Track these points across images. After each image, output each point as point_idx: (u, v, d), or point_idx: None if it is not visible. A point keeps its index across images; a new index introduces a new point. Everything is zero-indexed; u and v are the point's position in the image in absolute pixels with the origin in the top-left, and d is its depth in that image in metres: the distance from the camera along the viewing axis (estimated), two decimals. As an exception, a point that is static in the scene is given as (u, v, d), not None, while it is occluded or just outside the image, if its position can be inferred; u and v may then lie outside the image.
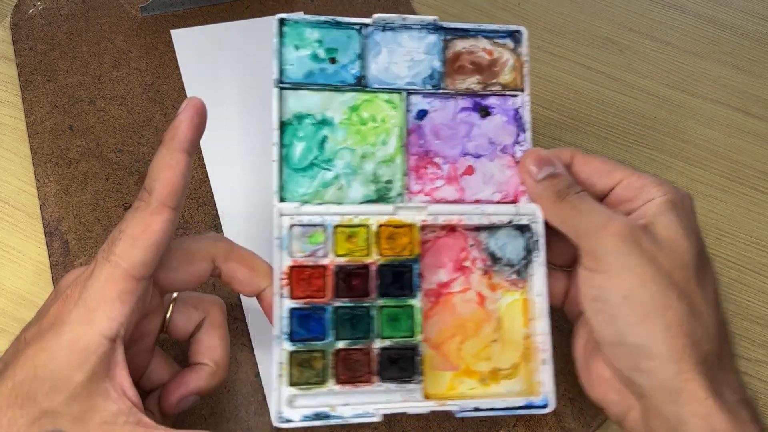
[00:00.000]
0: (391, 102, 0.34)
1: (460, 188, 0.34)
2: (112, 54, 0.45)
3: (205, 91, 0.45)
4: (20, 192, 0.41)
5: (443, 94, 0.35)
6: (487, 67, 0.35)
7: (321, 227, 0.32)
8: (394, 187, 0.34)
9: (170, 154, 0.28)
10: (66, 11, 0.47)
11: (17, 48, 0.45)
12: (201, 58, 0.46)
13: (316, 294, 0.31)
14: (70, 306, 0.27)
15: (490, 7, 0.54)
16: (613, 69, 0.52)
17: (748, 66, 0.53)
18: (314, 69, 0.34)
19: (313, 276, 0.32)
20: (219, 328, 0.31)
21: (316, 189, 0.33)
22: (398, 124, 0.34)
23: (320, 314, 0.31)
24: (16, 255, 0.39)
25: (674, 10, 0.55)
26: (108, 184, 0.40)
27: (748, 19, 0.56)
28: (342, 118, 0.34)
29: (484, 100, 0.35)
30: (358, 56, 0.34)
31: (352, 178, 0.33)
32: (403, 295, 0.32)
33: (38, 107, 0.43)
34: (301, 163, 0.33)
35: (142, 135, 0.43)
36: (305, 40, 0.34)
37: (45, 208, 0.39)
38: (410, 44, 0.35)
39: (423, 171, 0.34)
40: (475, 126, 0.35)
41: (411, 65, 0.34)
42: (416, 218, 0.33)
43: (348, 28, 0.34)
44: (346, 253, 0.32)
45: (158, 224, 0.27)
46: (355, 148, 0.34)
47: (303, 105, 0.33)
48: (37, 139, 0.41)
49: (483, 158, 0.35)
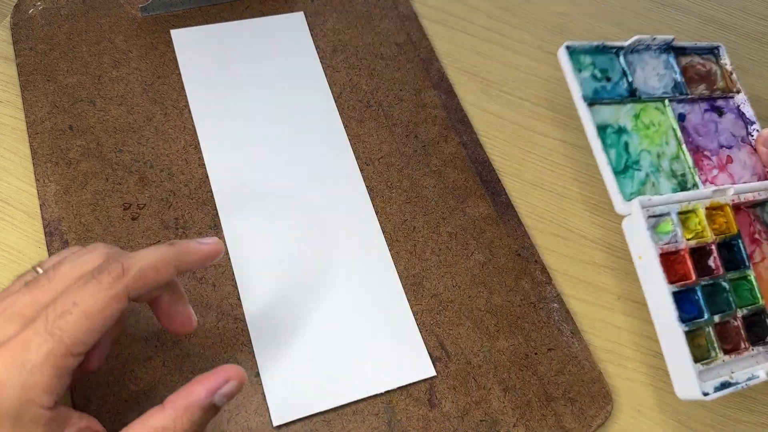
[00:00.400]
0: (659, 109, 0.40)
1: (729, 174, 0.40)
2: (112, 54, 0.45)
3: (205, 91, 0.45)
4: (20, 192, 0.41)
5: (690, 100, 0.42)
6: (706, 76, 0.43)
7: (668, 216, 0.36)
8: (688, 179, 0.39)
9: (167, 263, 0.28)
10: (66, 11, 0.47)
11: (17, 48, 0.45)
12: (201, 57, 0.46)
13: (685, 277, 0.35)
14: (9, 376, 0.25)
15: (490, 7, 0.54)
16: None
17: (748, 66, 0.53)
18: (597, 87, 0.40)
19: (676, 261, 0.36)
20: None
21: (638, 187, 0.38)
22: (671, 126, 0.40)
23: (691, 296, 0.35)
24: (16, 255, 0.39)
25: (674, 10, 0.55)
26: (108, 184, 0.40)
27: (748, 19, 0.56)
28: (632, 125, 0.39)
29: (716, 102, 0.43)
30: (623, 74, 0.40)
31: (657, 175, 0.39)
32: (741, 268, 0.37)
33: (38, 107, 0.43)
34: (619, 166, 0.38)
35: (142, 135, 0.43)
36: (583, 64, 0.40)
37: (45, 208, 0.39)
38: (653, 62, 0.42)
39: (701, 163, 0.40)
40: (718, 123, 0.42)
41: (659, 78, 0.41)
42: (726, 199, 0.38)
43: (609, 52, 0.40)
44: (692, 237, 0.37)
45: (114, 311, 0.26)
46: (650, 149, 0.39)
47: (601, 117, 0.39)
48: (37, 139, 0.41)
49: (733, 148, 0.41)
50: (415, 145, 0.45)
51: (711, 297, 0.36)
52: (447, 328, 0.39)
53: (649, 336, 0.41)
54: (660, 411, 0.39)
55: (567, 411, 0.37)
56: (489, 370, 0.38)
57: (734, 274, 0.37)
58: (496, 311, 0.39)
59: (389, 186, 0.43)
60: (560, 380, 0.38)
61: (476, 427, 0.36)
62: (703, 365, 0.34)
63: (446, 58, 0.50)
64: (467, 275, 0.40)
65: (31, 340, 0.25)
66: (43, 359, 0.25)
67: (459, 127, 0.46)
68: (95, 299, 0.26)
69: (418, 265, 0.40)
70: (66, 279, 0.27)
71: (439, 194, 0.43)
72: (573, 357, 0.39)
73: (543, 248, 0.43)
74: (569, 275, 0.42)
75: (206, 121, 0.44)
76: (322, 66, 0.47)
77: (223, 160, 0.42)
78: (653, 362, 0.40)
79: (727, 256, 0.37)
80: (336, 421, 0.35)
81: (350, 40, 0.49)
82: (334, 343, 0.37)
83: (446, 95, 0.48)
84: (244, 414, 0.35)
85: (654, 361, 0.40)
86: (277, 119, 0.45)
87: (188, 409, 0.27)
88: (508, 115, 0.48)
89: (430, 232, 0.42)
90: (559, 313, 0.40)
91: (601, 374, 0.38)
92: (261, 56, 0.47)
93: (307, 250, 0.40)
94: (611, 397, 0.38)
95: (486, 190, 0.44)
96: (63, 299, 0.26)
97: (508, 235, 0.42)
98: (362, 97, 0.47)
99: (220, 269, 0.39)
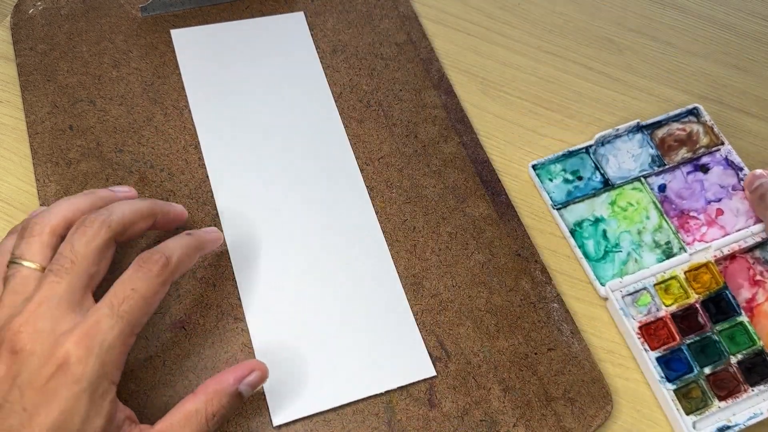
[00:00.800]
0: (636, 188, 0.44)
1: (720, 227, 0.43)
2: (112, 54, 0.45)
3: (205, 91, 0.45)
4: (20, 192, 0.41)
5: (669, 169, 0.44)
6: (687, 139, 0.46)
7: (644, 290, 0.40)
8: (673, 245, 0.42)
9: (196, 250, 0.34)
10: (66, 11, 0.47)
11: (17, 48, 0.45)
12: (201, 57, 0.46)
13: (668, 341, 0.39)
14: (89, 354, 0.28)
15: (490, 7, 0.53)
16: (613, 69, 0.52)
17: (748, 66, 0.53)
18: (570, 188, 0.44)
19: (658, 328, 0.39)
20: None
21: (619, 268, 0.41)
22: (650, 200, 0.43)
23: (678, 354, 0.39)
24: (16, 255, 0.39)
25: (674, 10, 0.55)
26: (108, 184, 0.40)
27: (748, 19, 0.56)
28: (608, 212, 0.43)
29: (699, 161, 0.45)
30: (595, 168, 0.44)
31: (639, 250, 0.42)
32: (731, 317, 0.40)
33: (38, 107, 0.43)
34: (598, 254, 0.42)
35: (142, 135, 0.43)
36: (553, 173, 0.44)
37: (45, 208, 0.39)
38: (625, 146, 0.45)
39: (687, 225, 0.43)
40: (703, 180, 0.44)
41: (635, 158, 0.45)
42: (708, 256, 0.41)
43: (579, 153, 0.45)
44: (672, 302, 0.40)
45: (162, 294, 0.31)
46: (629, 228, 0.42)
47: (576, 215, 0.43)
48: (37, 139, 0.41)
49: (723, 200, 0.44)
50: (415, 145, 0.45)
51: (703, 350, 0.39)
52: (447, 328, 0.39)
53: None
54: (660, 411, 0.39)
55: (567, 411, 0.37)
56: (489, 370, 0.38)
57: (724, 324, 0.40)
58: (496, 311, 0.39)
59: (389, 186, 0.43)
60: (560, 380, 0.38)
61: (476, 427, 0.36)
62: (696, 415, 0.37)
63: (446, 58, 0.50)
64: (467, 275, 0.40)
65: (102, 321, 0.28)
66: (116, 338, 0.28)
67: (459, 127, 0.46)
68: (149, 285, 0.30)
69: (418, 265, 0.40)
70: (87, 256, 0.30)
71: (439, 194, 0.43)
72: (573, 357, 0.39)
73: (543, 248, 0.43)
74: (569, 275, 0.42)
75: (206, 121, 0.44)
76: (322, 66, 0.47)
77: (223, 160, 0.42)
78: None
79: (715, 309, 0.40)
80: (336, 421, 0.35)
81: (350, 40, 0.49)
82: (334, 342, 0.37)
83: (446, 95, 0.48)
84: (244, 414, 0.35)
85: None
86: (277, 119, 0.45)
87: (217, 394, 0.30)
88: (508, 115, 0.48)
89: (430, 232, 0.42)
90: (559, 313, 0.40)
91: (601, 374, 0.38)
92: (261, 56, 0.47)
93: (307, 250, 0.40)
94: (611, 397, 0.38)
95: (486, 190, 0.44)
96: (121, 286, 0.29)
97: (508, 235, 0.42)
98: (362, 97, 0.47)
99: (220, 269, 0.39)
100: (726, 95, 0.51)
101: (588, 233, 0.42)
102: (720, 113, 0.50)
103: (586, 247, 0.42)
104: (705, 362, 0.39)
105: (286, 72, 0.47)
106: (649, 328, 0.40)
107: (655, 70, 0.52)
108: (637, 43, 0.53)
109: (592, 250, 0.42)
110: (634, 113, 0.49)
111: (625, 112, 0.50)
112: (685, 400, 0.38)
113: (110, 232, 0.31)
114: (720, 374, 0.39)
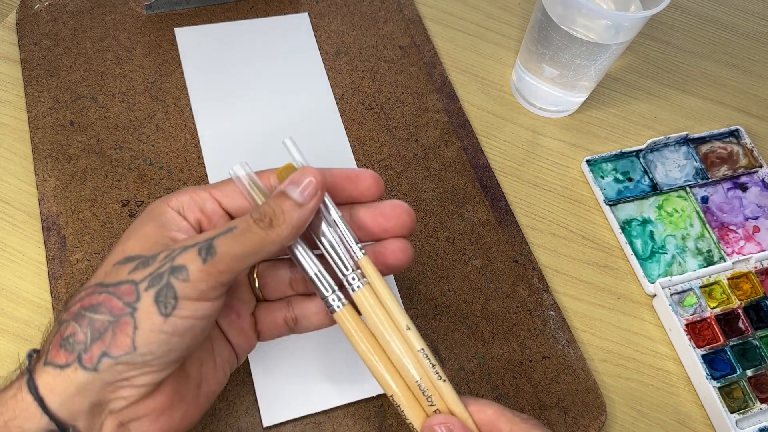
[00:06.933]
0: (681, 196, 0.46)
1: (757, 243, 0.45)
2: (115, 51, 0.46)
3: (207, 90, 0.45)
4: (20, 192, 0.41)
5: (711, 183, 0.46)
6: (728, 158, 0.48)
7: (690, 291, 0.42)
8: (714, 253, 0.44)
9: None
10: (71, 8, 0.47)
11: (22, 43, 0.45)
12: (204, 56, 0.46)
13: (712, 341, 0.40)
14: None
15: (490, 7, 0.53)
16: (613, 68, 0.51)
17: (748, 66, 0.53)
18: (620, 188, 0.46)
19: (703, 328, 0.41)
20: None
21: (664, 269, 0.43)
22: (694, 209, 0.45)
23: (722, 355, 0.40)
24: (16, 255, 0.39)
25: (674, 10, 0.55)
26: (107, 180, 0.41)
27: (748, 19, 0.55)
28: (656, 215, 0.45)
29: (739, 180, 0.47)
30: (644, 172, 0.46)
31: (683, 255, 0.44)
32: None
33: (40, 102, 0.43)
34: (645, 253, 0.43)
35: (143, 132, 0.43)
36: (605, 171, 0.46)
37: (43, 203, 0.39)
38: (672, 156, 0.47)
39: (727, 237, 0.45)
40: (743, 198, 0.46)
41: (680, 169, 0.47)
42: (749, 267, 0.43)
43: (630, 156, 0.47)
44: (716, 305, 0.41)
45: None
46: (674, 233, 0.44)
47: (625, 213, 0.45)
48: (38, 134, 0.41)
49: (760, 218, 0.46)
50: (415, 148, 0.45)
51: (744, 354, 0.41)
52: (441, 333, 0.38)
53: (648, 336, 0.41)
54: (660, 411, 0.39)
55: (560, 420, 0.37)
56: (482, 377, 0.37)
57: (765, 331, 0.41)
58: (492, 318, 0.39)
59: (388, 189, 0.43)
60: (554, 389, 0.38)
61: None
62: (739, 414, 0.38)
63: (446, 58, 0.50)
64: (464, 280, 0.40)
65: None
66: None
67: (460, 132, 0.46)
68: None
69: (414, 269, 0.40)
70: None
71: (438, 198, 0.43)
72: (568, 366, 0.38)
73: (543, 248, 0.43)
74: (569, 275, 0.42)
75: (207, 119, 0.44)
76: (325, 67, 0.47)
77: (223, 160, 0.42)
78: (653, 362, 0.40)
79: (756, 316, 0.42)
80: (326, 423, 0.35)
81: (354, 42, 0.49)
82: (326, 345, 0.37)
83: (448, 99, 0.47)
84: (235, 414, 0.35)
85: (654, 360, 0.40)
86: (278, 119, 0.45)
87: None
88: (508, 115, 0.48)
89: (428, 236, 0.42)
90: (556, 322, 0.40)
91: (596, 383, 0.38)
92: (264, 56, 0.47)
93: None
94: (605, 407, 0.37)
95: (485, 196, 0.44)
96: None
97: (506, 241, 0.42)
98: (364, 99, 0.46)
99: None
100: (726, 95, 0.51)
101: (636, 232, 0.44)
102: (720, 112, 0.50)
103: (634, 245, 0.44)
104: (746, 365, 0.40)
105: (288, 72, 0.47)
106: (694, 327, 0.41)
107: (655, 70, 0.52)
108: (637, 43, 0.53)
109: (640, 249, 0.44)
110: (635, 113, 0.49)
111: (626, 112, 0.49)
112: (729, 399, 0.39)
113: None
114: (760, 378, 0.40)
